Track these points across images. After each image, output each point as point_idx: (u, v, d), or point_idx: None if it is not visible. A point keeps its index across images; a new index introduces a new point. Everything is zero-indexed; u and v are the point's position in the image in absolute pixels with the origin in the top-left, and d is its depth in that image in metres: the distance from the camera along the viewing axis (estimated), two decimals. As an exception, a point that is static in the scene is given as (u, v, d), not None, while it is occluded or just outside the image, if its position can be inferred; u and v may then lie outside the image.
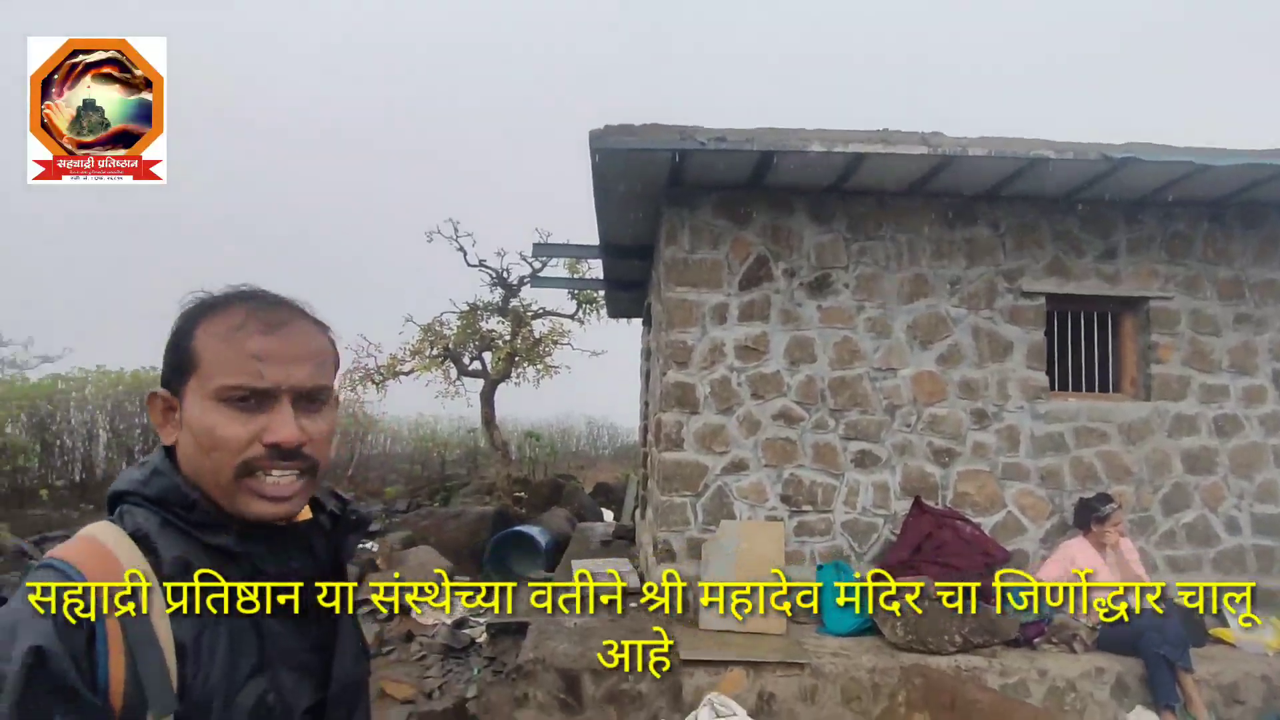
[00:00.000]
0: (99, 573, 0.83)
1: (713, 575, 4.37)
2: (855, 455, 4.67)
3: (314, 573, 0.98)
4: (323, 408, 0.96)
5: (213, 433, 0.90)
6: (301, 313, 0.98)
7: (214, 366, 0.91)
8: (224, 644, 0.88)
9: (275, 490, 0.91)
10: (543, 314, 12.76)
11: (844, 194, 4.74)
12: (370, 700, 1.14)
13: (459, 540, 8.51)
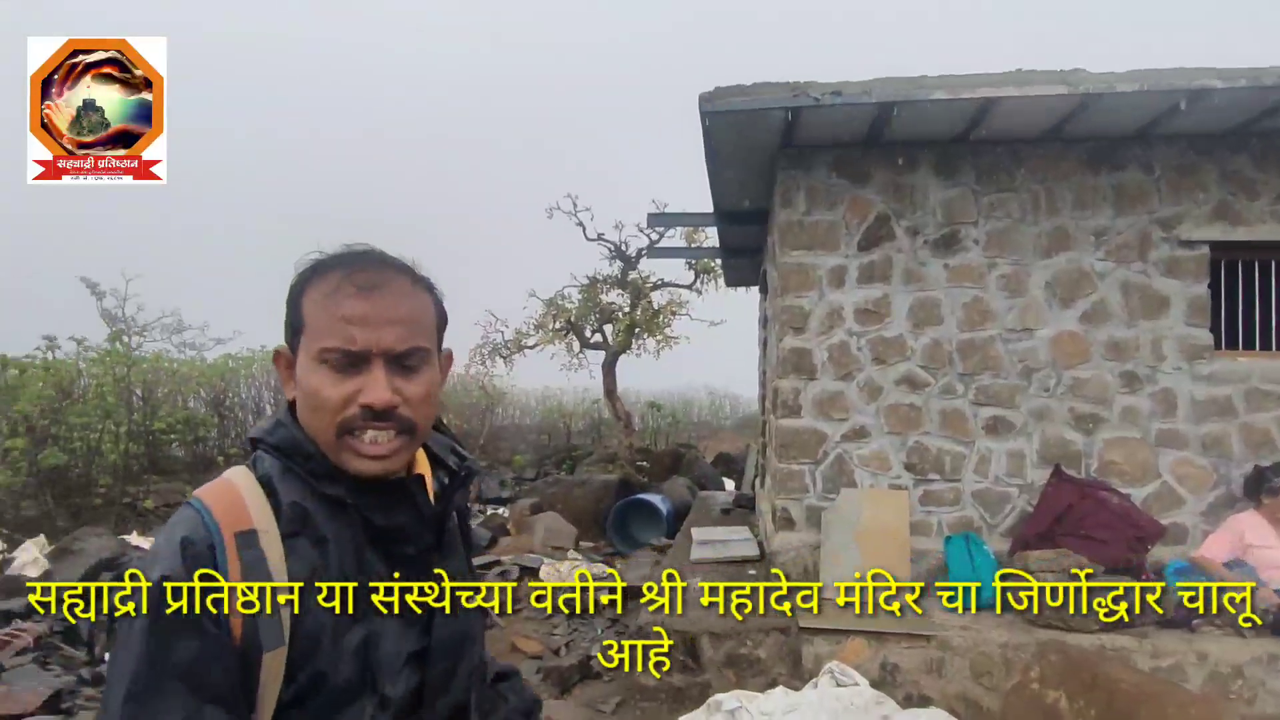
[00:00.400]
0: (228, 515, 0.90)
1: (834, 544, 4.29)
2: (987, 422, 4.41)
3: (418, 526, 1.01)
4: (420, 368, 0.97)
5: (316, 393, 0.93)
6: (399, 273, 0.98)
7: (315, 328, 0.94)
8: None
9: (373, 449, 0.93)
10: (661, 285, 12.82)
11: (973, 144, 4.43)
12: (485, 652, 1.18)
13: (584, 507, 8.78)
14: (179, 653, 0.83)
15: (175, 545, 0.87)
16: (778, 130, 4.32)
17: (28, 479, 7.54)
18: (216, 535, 0.88)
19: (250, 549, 0.88)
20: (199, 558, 0.86)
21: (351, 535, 0.95)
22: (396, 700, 0.94)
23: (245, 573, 0.87)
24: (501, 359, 13.11)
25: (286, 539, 0.91)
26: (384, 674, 0.94)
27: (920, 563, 4.35)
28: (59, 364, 8.58)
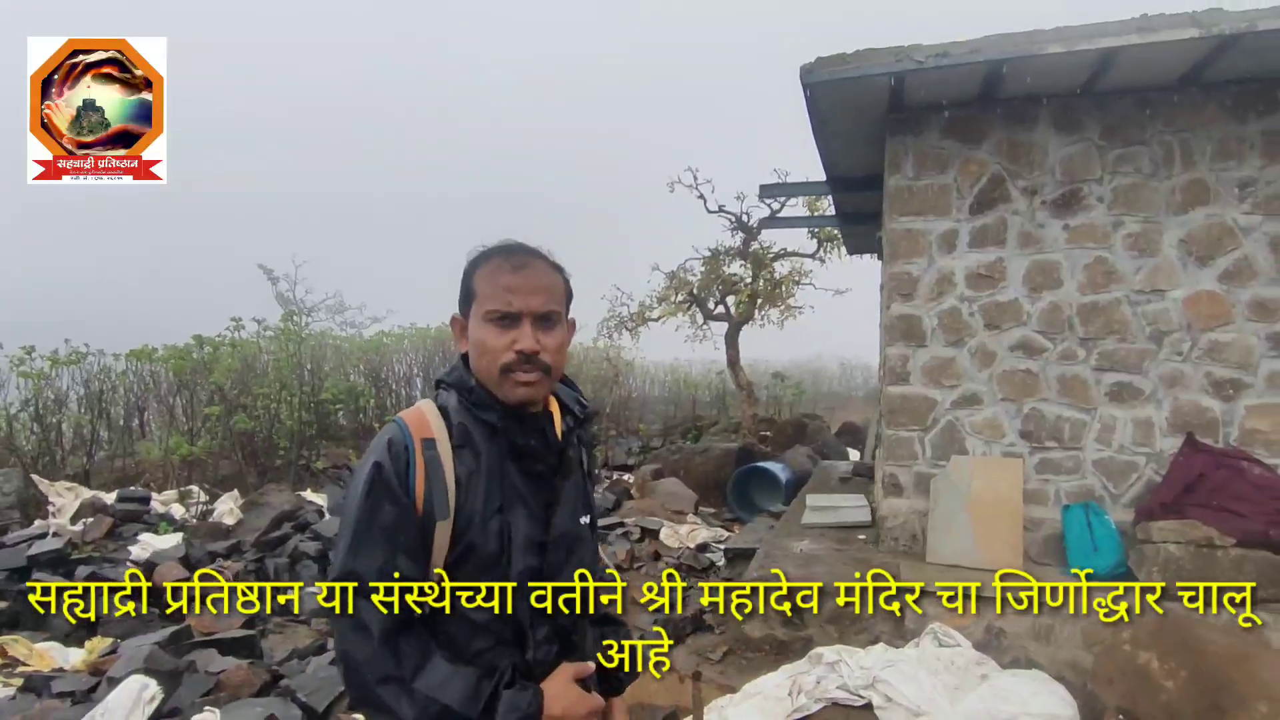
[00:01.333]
0: (418, 427, 1.32)
1: (943, 511, 4.30)
2: (1111, 388, 4.23)
3: (545, 449, 1.40)
4: (555, 326, 1.37)
5: (484, 343, 1.34)
6: (540, 257, 1.39)
7: (483, 296, 1.35)
8: (483, 484, 1.32)
9: (524, 379, 1.32)
10: (784, 255, 12.75)
11: (1097, 96, 4.21)
12: (598, 562, 1.56)
13: (705, 474, 9.04)
14: (384, 515, 1.25)
15: (384, 445, 1.30)
16: (883, 96, 4.30)
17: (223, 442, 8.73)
18: (409, 439, 1.30)
19: (430, 450, 1.30)
20: (398, 453, 1.28)
21: (498, 451, 1.35)
22: (520, 570, 1.32)
23: (426, 466, 1.28)
24: (628, 331, 13.53)
25: (455, 448, 1.32)
26: (515, 551, 1.32)
27: (1036, 531, 4.28)
28: (244, 342, 9.79)
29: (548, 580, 1.35)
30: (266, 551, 6.14)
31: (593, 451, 1.62)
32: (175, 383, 9.30)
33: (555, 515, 1.38)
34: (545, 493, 1.39)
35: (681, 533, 6.81)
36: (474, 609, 1.30)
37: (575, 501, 1.44)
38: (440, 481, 1.28)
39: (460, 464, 1.32)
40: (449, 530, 1.28)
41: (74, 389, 8.88)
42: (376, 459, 1.29)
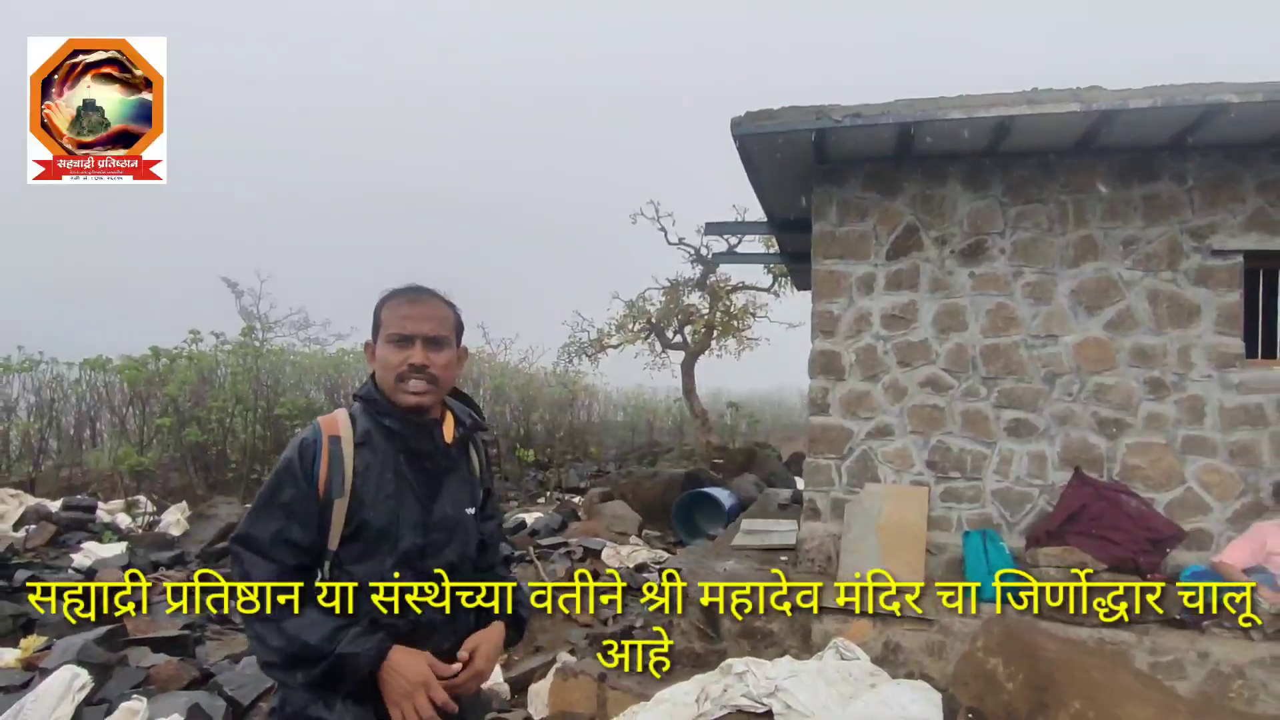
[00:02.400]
0: (328, 427, 1.66)
1: (855, 535, 4.60)
2: (1009, 424, 4.59)
3: (434, 452, 1.71)
4: (443, 348, 1.69)
5: (385, 359, 1.67)
6: (434, 295, 1.74)
7: (386, 324, 1.69)
8: (377, 474, 1.64)
9: (414, 389, 1.65)
10: (740, 288, 13.17)
11: (1000, 157, 4.63)
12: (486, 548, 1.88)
13: (653, 497, 9.27)
14: (285, 493, 1.60)
15: (297, 442, 1.65)
16: (808, 148, 4.66)
17: (174, 453, 8.78)
18: (319, 436, 1.64)
19: (334, 445, 1.63)
20: (307, 448, 1.62)
21: (392, 449, 1.67)
22: (405, 548, 1.64)
23: (329, 456, 1.62)
24: (587, 357, 13.80)
25: (357, 445, 1.65)
26: (403, 527, 1.64)
27: (939, 555, 4.59)
28: (201, 355, 9.86)
29: (430, 556, 1.67)
30: (211, 563, 6.23)
31: (487, 457, 1.94)
32: (129, 393, 9.33)
33: (438, 504, 1.70)
34: (431, 485, 1.70)
35: (623, 553, 7.02)
36: (364, 571, 1.61)
37: (459, 494, 1.76)
38: (340, 469, 1.61)
39: (360, 458, 1.64)
40: (345, 508, 1.60)
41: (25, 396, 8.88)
42: (289, 453, 1.64)
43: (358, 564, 1.62)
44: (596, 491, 9.29)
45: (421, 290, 1.73)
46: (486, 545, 1.86)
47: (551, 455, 12.92)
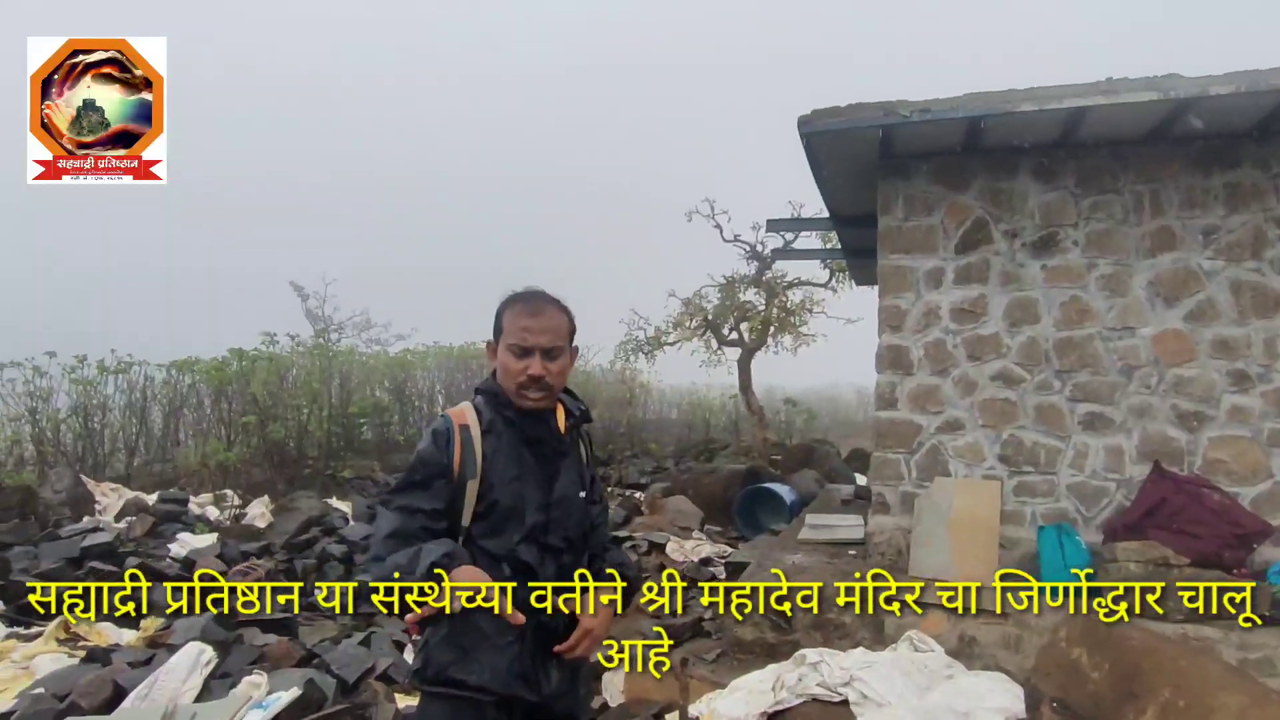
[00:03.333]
0: (457, 418, 1.84)
1: (925, 529, 4.61)
2: (1084, 417, 4.54)
3: (550, 437, 1.89)
4: (558, 357, 1.85)
5: (506, 366, 1.84)
6: (550, 303, 1.89)
7: (508, 332, 1.84)
8: (503, 459, 1.82)
9: (532, 397, 1.83)
10: (797, 284, 13.13)
11: (1072, 148, 4.58)
12: (602, 528, 2.06)
13: (713, 493, 9.34)
14: (420, 473, 1.78)
15: (430, 431, 1.83)
16: (874, 145, 4.70)
17: (255, 450, 9.22)
18: (450, 425, 1.82)
19: (465, 433, 1.81)
20: (440, 435, 1.81)
21: (514, 437, 1.85)
22: (531, 524, 1.81)
23: (461, 442, 1.80)
24: (644, 355, 13.94)
25: (483, 433, 1.82)
26: (528, 506, 1.81)
27: (1013, 550, 4.57)
28: (278, 356, 10.32)
29: (551, 531, 1.84)
30: (295, 553, 6.55)
31: (590, 445, 2.11)
32: (213, 393, 9.82)
33: (556, 485, 1.87)
34: (549, 469, 1.88)
35: (687, 547, 7.14)
36: (494, 546, 1.79)
37: (572, 478, 1.92)
38: (471, 453, 1.79)
39: (487, 444, 1.82)
40: (477, 488, 1.78)
41: (118, 396, 9.42)
42: (424, 441, 1.83)
43: (488, 538, 1.80)
44: (658, 487, 9.42)
45: (540, 300, 1.88)
46: (595, 526, 2.01)
47: (611, 452, 13.10)
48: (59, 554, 5.29)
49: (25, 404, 8.11)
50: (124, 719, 2.78)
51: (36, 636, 4.10)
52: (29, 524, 6.00)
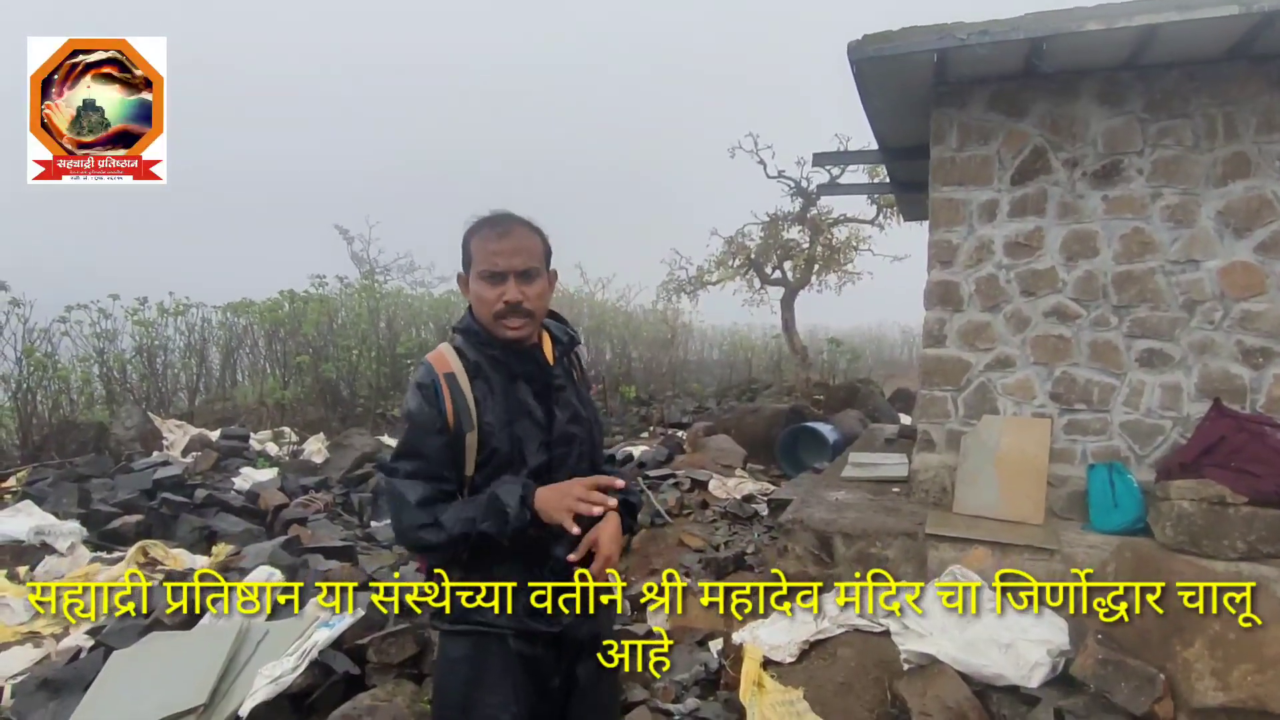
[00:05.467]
0: (440, 365, 1.73)
1: (971, 466, 4.58)
2: (1141, 354, 4.41)
3: (539, 371, 1.79)
4: (535, 279, 1.72)
5: (480, 296, 1.72)
6: (520, 223, 1.75)
7: (477, 259, 1.73)
8: (495, 402, 1.73)
9: (512, 325, 1.71)
10: (843, 220, 12.84)
11: (1141, 69, 4.32)
12: (599, 454, 1.96)
13: (756, 432, 9.39)
14: (424, 430, 1.70)
15: (415, 386, 1.73)
16: (928, 71, 4.50)
17: (309, 389, 9.53)
18: (435, 375, 1.71)
19: (451, 381, 1.71)
20: (427, 390, 1.71)
21: (503, 377, 1.75)
22: (534, 466, 1.73)
23: (450, 393, 1.70)
24: (685, 295, 13.87)
25: (470, 378, 1.72)
26: (528, 448, 1.74)
27: (1061, 488, 4.52)
28: (327, 298, 10.55)
29: (555, 470, 1.76)
30: (351, 487, 6.83)
31: (582, 367, 1.98)
32: (266, 334, 10.11)
33: (555, 421, 1.78)
34: (545, 405, 1.78)
35: (729, 485, 7.21)
36: None
37: (571, 410, 1.84)
38: (463, 402, 1.69)
39: (476, 389, 1.72)
40: (476, 439, 1.70)
41: (177, 338, 9.77)
42: (411, 400, 1.73)
43: (492, 484, 1.72)
44: (700, 426, 9.48)
45: (508, 220, 1.74)
46: (597, 447, 1.93)
47: (652, 392, 13.20)
48: (133, 486, 5.60)
49: (93, 345, 8.45)
50: (203, 634, 2.98)
51: (118, 561, 4.38)
52: (104, 458, 6.34)
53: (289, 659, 2.70)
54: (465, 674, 1.72)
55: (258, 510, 5.66)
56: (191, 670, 2.71)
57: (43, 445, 6.86)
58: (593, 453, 1.89)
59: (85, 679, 2.87)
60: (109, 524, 4.85)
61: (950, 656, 3.16)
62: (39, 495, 5.16)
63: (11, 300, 7.04)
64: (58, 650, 3.40)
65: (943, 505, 4.71)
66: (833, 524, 4.46)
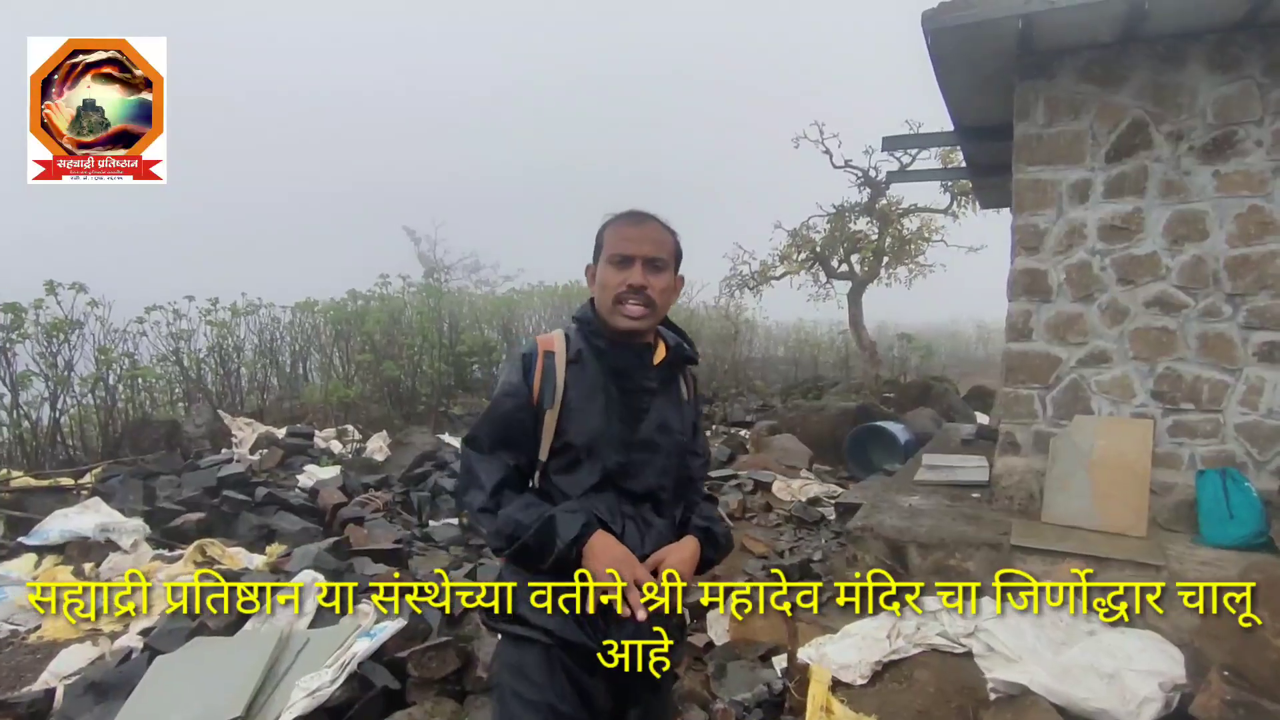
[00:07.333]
0: (543, 343, 1.73)
1: (1061, 471, 4.18)
2: (1261, 347, 3.94)
3: (640, 372, 1.73)
4: (662, 271, 1.70)
5: (604, 280, 1.70)
6: (655, 219, 1.75)
7: (608, 245, 1.71)
8: (585, 390, 1.69)
9: (631, 311, 1.67)
10: (913, 210, 12.29)
11: (1261, 29, 3.86)
12: (697, 477, 1.87)
13: (821, 432, 9.04)
14: (505, 403, 1.71)
15: (517, 356, 1.75)
16: (1011, 40, 4.13)
17: (373, 388, 9.63)
18: (535, 351, 1.72)
19: (548, 359, 1.70)
20: (523, 360, 1.72)
21: (602, 368, 1.71)
22: (610, 467, 1.67)
23: (543, 369, 1.69)
24: (749, 290, 13.54)
25: (569, 363, 1.70)
26: (607, 444, 1.67)
27: (1165, 496, 4.09)
28: (390, 297, 10.65)
29: (631, 475, 1.69)
30: (411, 486, 6.80)
31: (696, 391, 1.93)
32: (333, 333, 10.27)
33: (643, 425, 1.71)
34: (636, 406, 1.72)
35: (794, 486, 6.91)
36: (568, 485, 1.67)
37: (664, 419, 1.73)
38: (552, 381, 1.67)
39: (570, 373, 1.69)
40: (555, 419, 1.66)
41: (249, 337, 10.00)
42: (509, 369, 1.75)
43: (562, 475, 1.69)
44: (764, 425, 9.19)
45: (644, 214, 1.75)
46: (691, 479, 1.84)
47: (715, 390, 12.92)
48: (198, 483, 5.67)
49: (168, 345, 8.71)
50: (245, 641, 2.91)
51: (179, 558, 4.41)
52: (174, 455, 6.47)
53: (327, 671, 2.59)
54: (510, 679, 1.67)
55: (317, 509, 5.67)
56: (231, 678, 2.63)
57: (120, 443, 7.08)
58: (678, 473, 1.78)
59: (131, 682, 2.84)
60: (172, 521, 4.90)
61: (1044, 686, 2.83)
62: (108, 492, 5.27)
63: (90, 301, 7.26)
64: (112, 650, 3.39)
65: (1029, 513, 4.32)
66: (906, 532, 4.13)
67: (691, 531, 1.75)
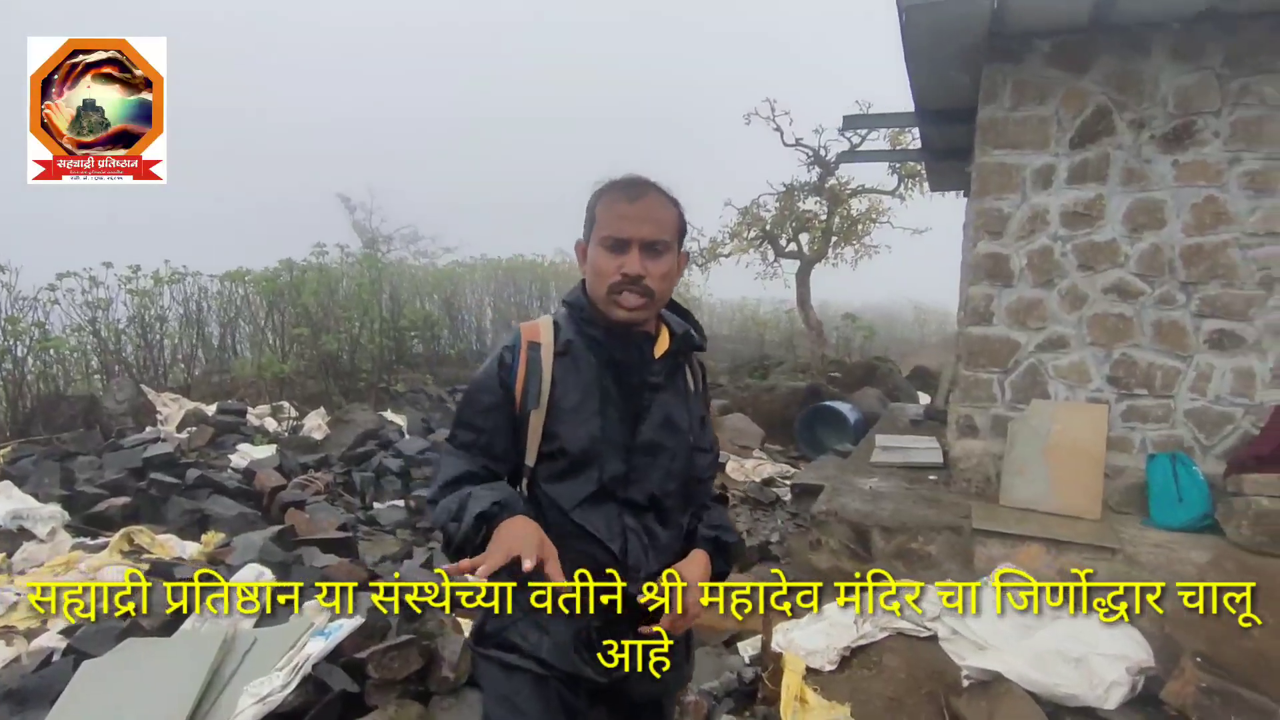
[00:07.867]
0: (528, 333, 1.52)
1: (1018, 455, 4.24)
2: (1211, 335, 4.05)
3: (640, 365, 1.50)
4: (662, 255, 1.46)
5: (597, 266, 1.46)
6: (656, 190, 1.49)
7: (601, 224, 1.46)
8: (578, 388, 1.47)
9: (627, 303, 1.45)
10: (862, 191, 12.38)
11: (1223, 19, 3.90)
12: (705, 481, 1.66)
13: (772, 411, 9.08)
14: (482, 401, 1.51)
15: (499, 348, 1.53)
16: (984, 21, 4.08)
17: (309, 362, 9.19)
18: (519, 343, 1.51)
19: (533, 352, 1.49)
20: (505, 355, 1.50)
21: (596, 362, 1.50)
22: (610, 475, 1.47)
23: (527, 364, 1.48)
24: (697, 267, 13.47)
25: (557, 355, 1.49)
26: (605, 450, 1.44)
27: (1117, 479, 4.19)
28: (327, 268, 10.16)
29: (633, 483, 1.49)
30: (353, 465, 6.51)
31: (704, 382, 1.72)
32: (265, 304, 9.75)
33: (644, 425, 1.50)
34: (637, 404, 1.50)
35: (748, 467, 6.92)
36: (562, 496, 1.47)
37: (668, 417, 1.52)
38: (536, 378, 1.47)
39: (559, 367, 1.48)
40: (541, 422, 1.46)
41: (173, 307, 9.40)
42: (488, 361, 1.54)
43: (553, 484, 1.48)
44: (715, 405, 9.15)
45: (643, 185, 1.49)
46: (700, 481, 1.62)
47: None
48: (121, 464, 5.28)
49: (84, 314, 8.10)
50: (184, 642, 2.67)
51: (103, 547, 4.08)
52: (93, 434, 6.02)
53: (278, 674, 2.39)
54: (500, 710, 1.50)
55: (254, 492, 5.35)
56: (170, 685, 2.41)
57: (30, 420, 6.55)
58: (685, 474, 1.56)
59: (54, 690, 2.57)
60: (94, 507, 4.53)
61: (1018, 674, 2.84)
62: (20, 475, 4.85)
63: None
64: (29, 651, 3.09)
65: (986, 496, 4.39)
66: (869, 516, 4.13)
67: (699, 544, 1.58)
